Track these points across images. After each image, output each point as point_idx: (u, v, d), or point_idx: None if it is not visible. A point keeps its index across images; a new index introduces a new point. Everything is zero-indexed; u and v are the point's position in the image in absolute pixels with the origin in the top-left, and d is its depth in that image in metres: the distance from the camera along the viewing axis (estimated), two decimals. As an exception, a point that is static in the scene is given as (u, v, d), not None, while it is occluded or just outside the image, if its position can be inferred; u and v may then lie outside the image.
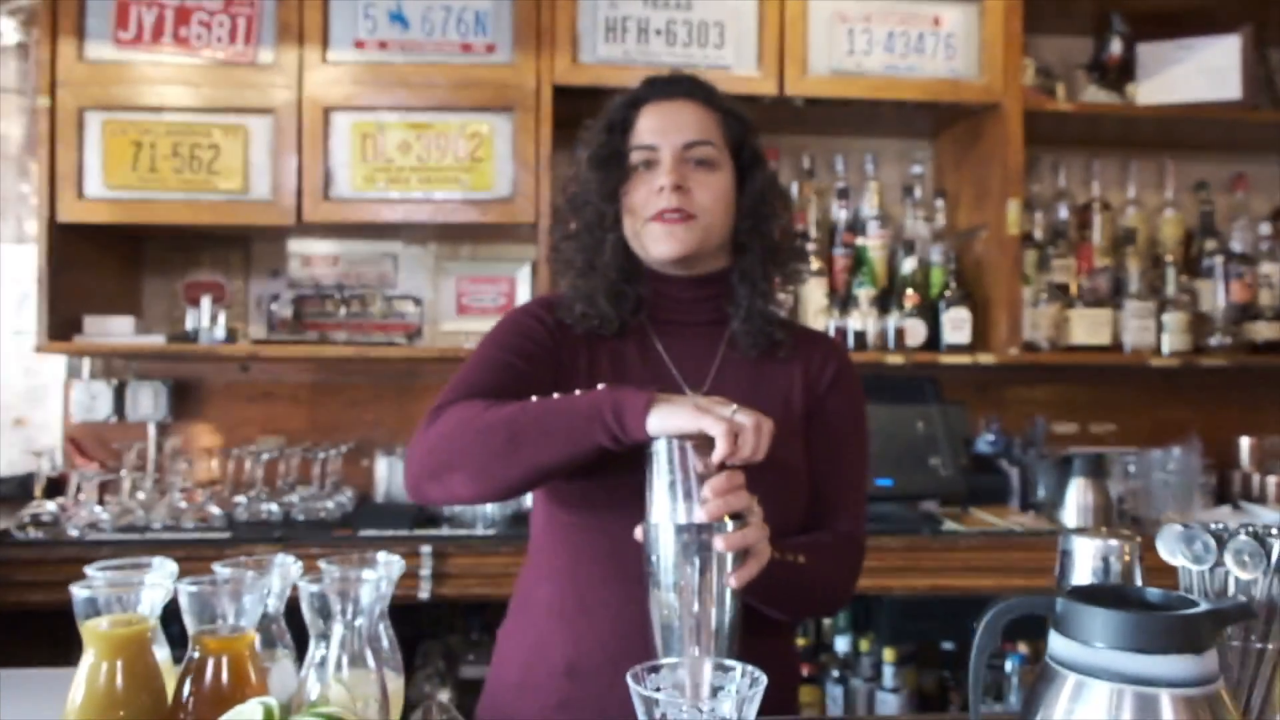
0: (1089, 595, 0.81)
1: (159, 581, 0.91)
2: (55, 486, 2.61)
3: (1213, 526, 0.87)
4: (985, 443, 3.00)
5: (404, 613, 2.79)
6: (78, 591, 0.87)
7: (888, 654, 2.52)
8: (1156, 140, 3.14)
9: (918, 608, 2.48)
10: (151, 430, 2.85)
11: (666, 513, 1.05)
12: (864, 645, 2.61)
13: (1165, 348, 2.83)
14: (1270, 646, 0.83)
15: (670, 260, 1.32)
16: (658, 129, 1.30)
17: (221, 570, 0.94)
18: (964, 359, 2.72)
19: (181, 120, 2.50)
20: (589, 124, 1.37)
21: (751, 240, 1.33)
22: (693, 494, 1.05)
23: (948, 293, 2.78)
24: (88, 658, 0.87)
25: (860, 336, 2.71)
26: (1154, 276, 2.99)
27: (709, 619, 1.04)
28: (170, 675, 0.92)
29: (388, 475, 2.70)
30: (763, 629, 1.21)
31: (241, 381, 2.93)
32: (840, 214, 2.93)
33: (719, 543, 1.03)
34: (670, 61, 2.57)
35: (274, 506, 2.51)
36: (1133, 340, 2.83)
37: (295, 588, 0.93)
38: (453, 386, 1.25)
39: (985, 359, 2.71)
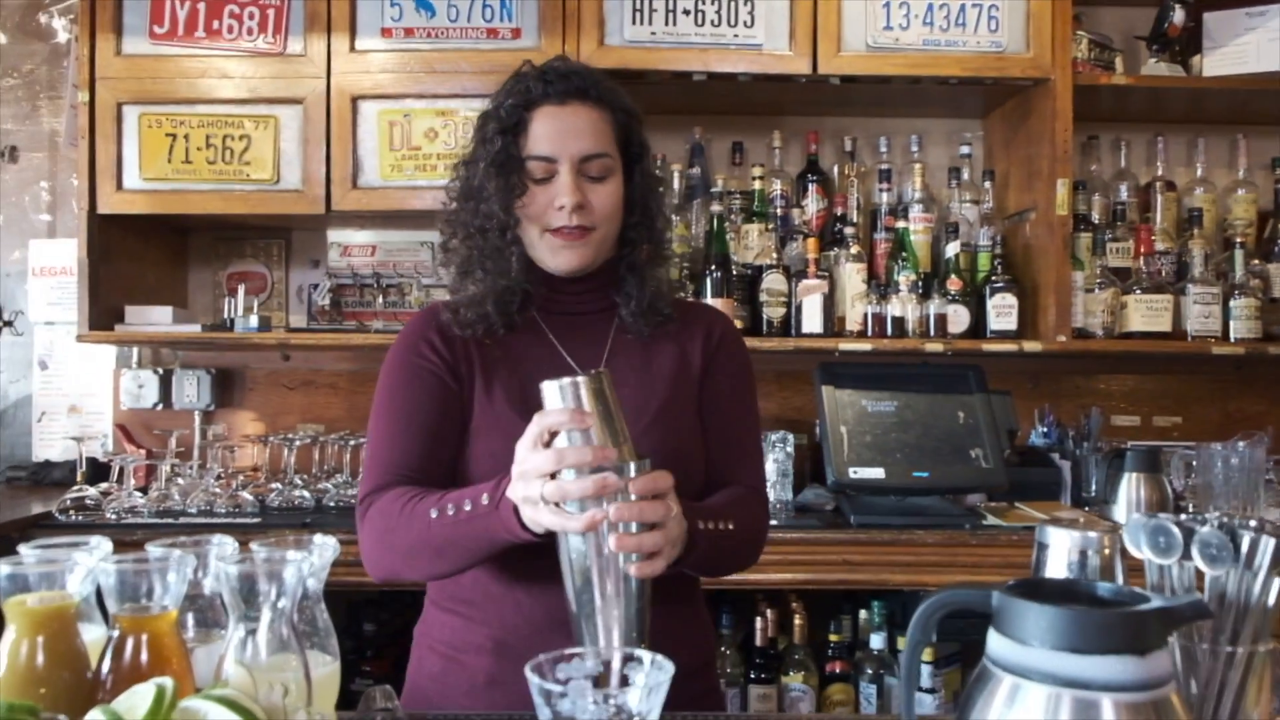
0: (1031, 590, 0.74)
1: (83, 560, 0.89)
2: (104, 472, 2.67)
3: (1185, 518, 0.78)
4: (1039, 435, 2.87)
5: (419, 596, 2.83)
6: (0, 568, 0.86)
7: (926, 653, 2.43)
8: (1227, 116, 2.96)
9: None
10: (196, 418, 2.91)
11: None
12: (901, 643, 2.51)
13: (1232, 335, 2.67)
14: (1240, 649, 0.74)
15: (568, 272, 1.34)
16: (554, 138, 1.29)
17: (154, 550, 0.93)
18: (1009, 346, 2.60)
19: (214, 112, 2.53)
20: (484, 113, 1.35)
21: (639, 233, 1.36)
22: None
23: (994, 278, 2.66)
24: (9, 634, 0.86)
25: (899, 323, 2.61)
26: (1221, 261, 2.82)
27: (615, 609, 1.04)
28: (96, 651, 0.90)
29: (421, 463, 2.70)
30: (674, 597, 1.27)
31: (282, 370, 2.97)
32: (882, 197, 2.84)
33: (632, 570, 1.06)
34: (698, 42, 2.52)
35: (306, 493, 2.53)
36: (1196, 327, 2.68)
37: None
38: (370, 464, 1.31)
39: (1031, 346, 2.59)
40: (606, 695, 0.74)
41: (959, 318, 2.63)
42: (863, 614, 2.54)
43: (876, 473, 2.41)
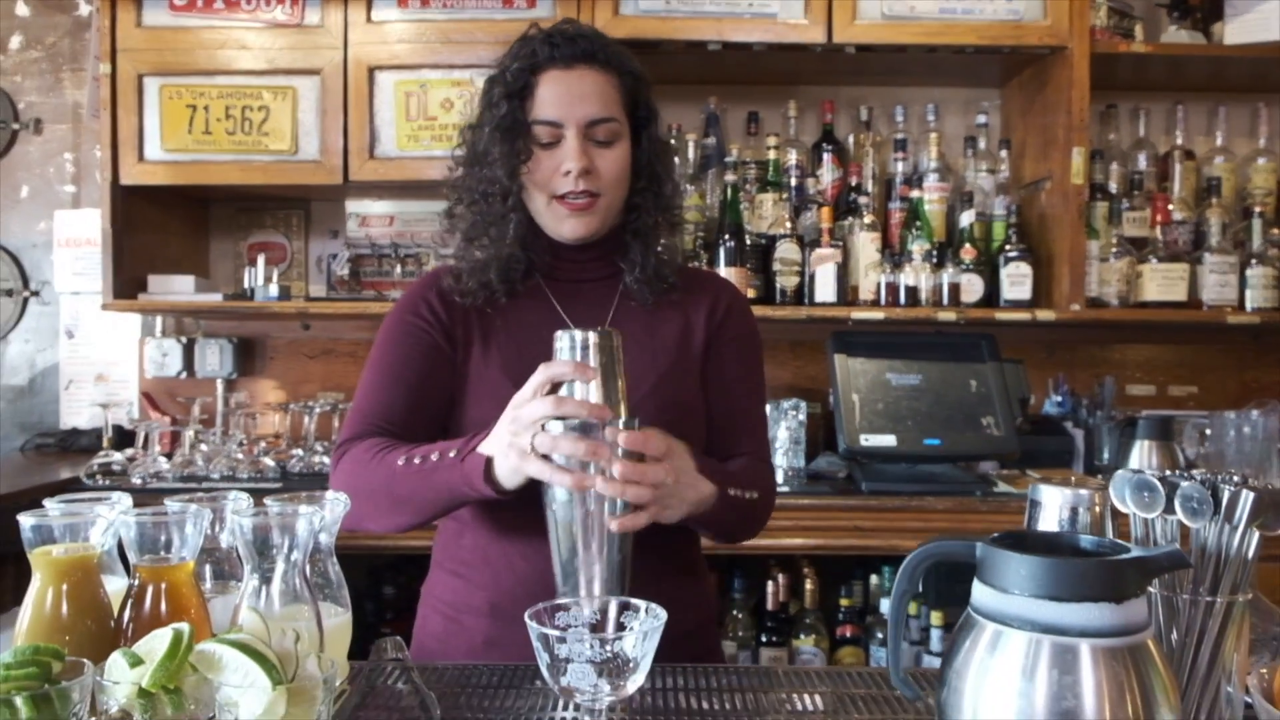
0: (1015, 541, 0.76)
1: (104, 513, 0.93)
2: (129, 438, 2.73)
3: (1170, 474, 0.80)
4: (1052, 404, 2.88)
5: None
6: (25, 520, 0.90)
7: (935, 617, 2.46)
8: (1249, 84, 2.93)
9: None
10: (219, 386, 2.96)
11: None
12: (912, 609, 2.54)
13: (1248, 304, 2.66)
14: (1219, 599, 0.76)
15: (575, 240, 1.34)
16: (560, 102, 1.27)
17: (172, 504, 0.97)
18: (1022, 315, 2.60)
19: (233, 83, 2.56)
20: (490, 77, 1.34)
21: (645, 199, 1.35)
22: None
23: (1008, 247, 2.66)
24: (35, 583, 0.90)
25: (912, 292, 2.62)
26: (1240, 230, 2.80)
27: (597, 563, 1.06)
28: (119, 601, 0.94)
29: (438, 431, 2.75)
30: (676, 564, 1.32)
31: (303, 339, 3.01)
32: (898, 166, 2.83)
33: (612, 525, 1.06)
34: (713, 11, 2.52)
35: (327, 459, 2.58)
36: (1211, 296, 2.67)
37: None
38: (353, 414, 1.32)
39: (1045, 315, 2.59)
40: (603, 640, 0.77)
41: (973, 287, 2.63)
42: (873, 579, 2.57)
43: (888, 440, 2.43)
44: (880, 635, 2.51)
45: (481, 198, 1.32)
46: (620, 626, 0.80)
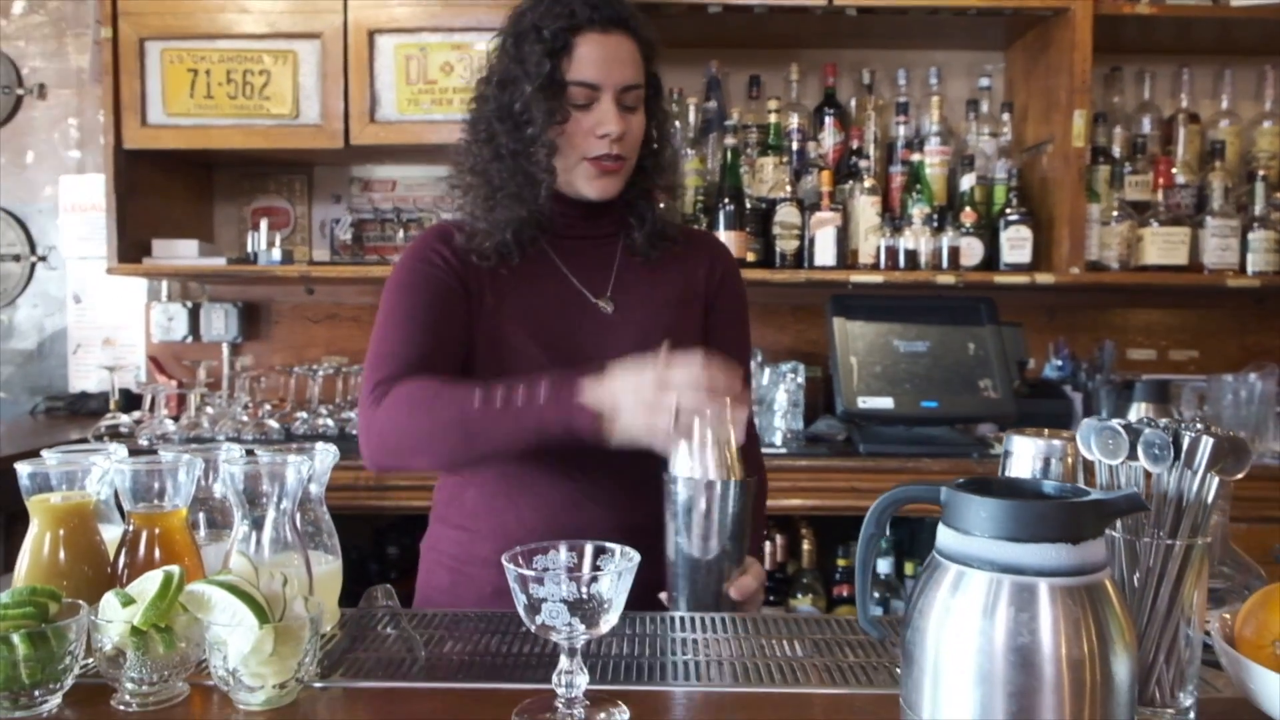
0: (979, 487, 0.77)
1: (100, 462, 0.96)
2: (137, 401, 2.77)
3: (1134, 422, 0.82)
4: (1053, 367, 2.89)
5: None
6: (22, 468, 0.93)
7: (932, 579, 2.48)
8: (1257, 46, 2.91)
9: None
10: (224, 350, 3.00)
11: (685, 468, 1.13)
12: (909, 568, 2.57)
13: (1249, 268, 2.65)
14: (1178, 542, 0.78)
15: (600, 200, 1.35)
16: (600, 66, 1.30)
17: (165, 454, 0.99)
18: (1021, 279, 2.60)
19: (233, 47, 2.57)
20: (519, 30, 1.33)
21: (652, 162, 1.40)
22: (707, 450, 1.11)
23: (1008, 211, 2.66)
24: (33, 529, 0.93)
25: (911, 255, 2.62)
26: (1243, 194, 2.79)
27: (706, 562, 1.14)
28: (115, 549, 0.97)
29: (441, 394, 2.77)
30: None
31: (307, 304, 3.03)
32: (899, 130, 2.82)
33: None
34: (712, -28, 2.50)
35: (330, 421, 2.61)
36: (1213, 260, 2.66)
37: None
38: (382, 357, 1.29)
39: (1043, 278, 2.59)
40: (579, 582, 0.79)
41: (972, 250, 2.63)
42: (871, 541, 2.59)
43: (885, 402, 2.45)
44: (876, 595, 2.54)
45: (510, 155, 1.32)
46: (596, 569, 0.83)
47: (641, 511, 1.23)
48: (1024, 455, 0.96)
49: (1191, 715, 0.81)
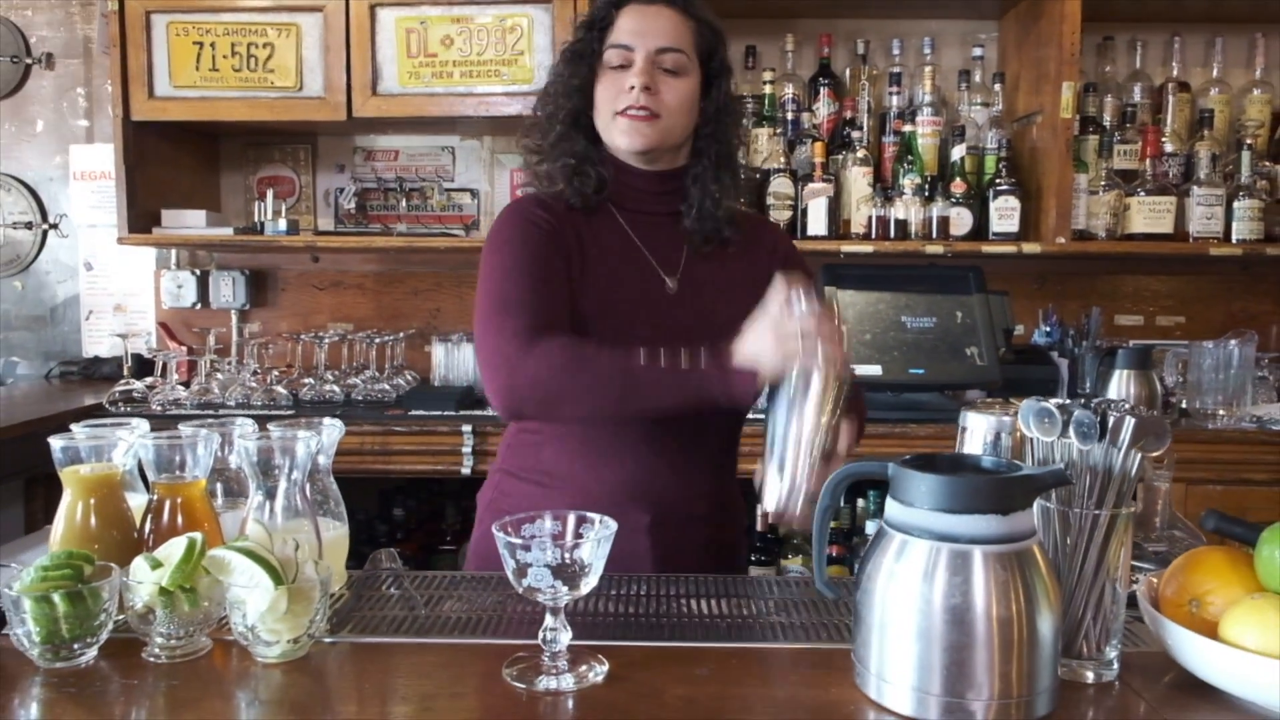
0: (925, 463, 0.86)
1: (125, 436, 1.04)
2: (149, 367, 2.85)
3: (1066, 402, 0.89)
4: (1041, 334, 2.95)
5: (446, 484, 2.96)
6: (55, 442, 1.01)
7: (918, 539, 2.57)
8: (1248, 14, 2.93)
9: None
10: (233, 316, 3.08)
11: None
12: (897, 530, 2.66)
13: (1234, 236, 2.71)
14: (1103, 512, 0.86)
15: (633, 152, 1.40)
16: (635, 31, 1.37)
17: (185, 428, 1.07)
18: (1009, 248, 2.67)
19: (238, 20, 2.62)
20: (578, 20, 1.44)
21: (708, 145, 1.43)
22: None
23: (998, 181, 2.71)
24: (66, 498, 1.02)
25: (902, 225, 2.68)
26: (1230, 162, 2.84)
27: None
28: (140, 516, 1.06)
29: (444, 360, 2.85)
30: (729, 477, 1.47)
31: (312, 271, 3.10)
32: (892, 100, 2.87)
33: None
34: (707, -54, 2.54)
35: (336, 388, 2.70)
36: (1198, 228, 2.72)
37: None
38: (513, 304, 1.30)
39: (1030, 248, 2.65)
40: (562, 548, 0.87)
41: (961, 220, 2.69)
42: (859, 501, 2.69)
43: (874, 370, 2.52)
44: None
45: (548, 119, 1.42)
46: (578, 537, 0.91)
47: (716, 484, 1.36)
48: (977, 430, 1.05)
49: (1115, 666, 0.90)
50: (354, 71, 2.61)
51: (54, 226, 3.19)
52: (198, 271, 3.08)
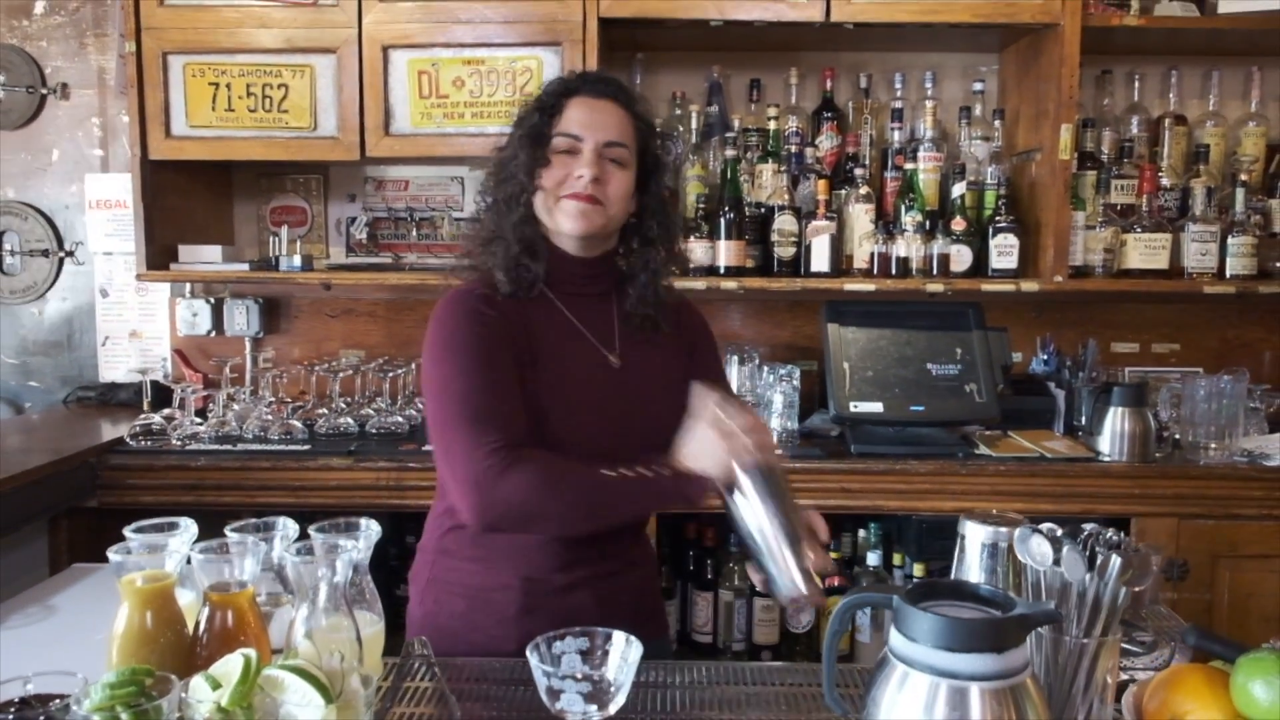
0: (927, 590, 0.93)
1: (178, 549, 1.11)
2: (167, 394, 2.92)
3: (1060, 533, 0.96)
4: (1039, 362, 3.02)
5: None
6: (113, 556, 1.08)
7: (918, 569, 2.65)
8: (1244, 48, 2.98)
9: (944, 529, 2.59)
10: (247, 344, 3.14)
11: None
12: (898, 558, 2.74)
13: (1228, 272, 2.77)
14: (1089, 640, 0.93)
15: (575, 235, 1.48)
16: (585, 123, 1.45)
17: (232, 535, 1.14)
18: (1007, 286, 2.73)
19: (253, 61, 2.67)
20: (525, 103, 1.53)
21: (646, 234, 1.54)
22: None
23: (997, 218, 2.77)
24: (124, 607, 1.09)
25: (903, 263, 2.74)
26: (1226, 196, 2.90)
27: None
28: (191, 614, 1.13)
29: (454, 390, 2.92)
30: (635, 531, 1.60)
31: (325, 299, 3.17)
32: (894, 135, 2.93)
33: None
34: (715, -8, 2.59)
35: (350, 419, 2.77)
36: (1193, 264, 2.78)
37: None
38: (480, 414, 1.37)
39: (1029, 286, 2.72)
40: (589, 670, 0.95)
41: (961, 257, 2.76)
42: (860, 533, 2.76)
43: (875, 407, 2.60)
44: (865, 584, 2.71)
45: (504, 201, 1.49)
46: (604, 653, 0.98)
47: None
48: (975, 538, 1.11)
49: (1102, 778, 0.98)
50: (367, 112, 2.66)
51: (70, 254, 3.25)
52: (212, 300, 3.14)
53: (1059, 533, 0.96)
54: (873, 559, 2.72)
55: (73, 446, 2.55)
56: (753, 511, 1.27)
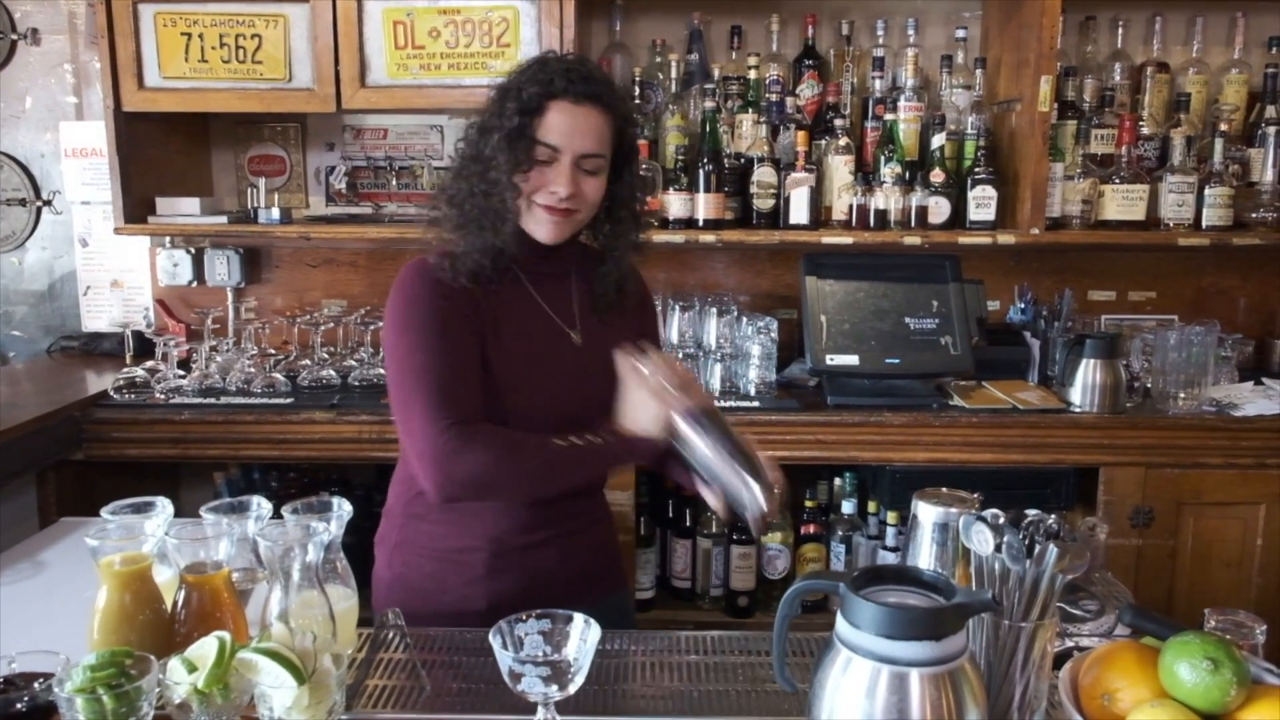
0: (873, 576, 0.97)
1: (153, 532, 1.15)
2: (149, 345, 2.93)
3: (1003, 520, 1.00)
4: (1016, 310, 3.05)
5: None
6: (89, 541, 1.12)
7: (891, 516, 2.71)
8: (1230, -11, 2.96)
9: (918, 478, 2.64)
10: (229, 294, 3.15)
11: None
12: (873, 506, 2.80)
13: (1204, 223, 2.79)
14: (1028, 625, 0.98)
15: (548, 242, 1.53)
16: (564, 133, 1.45)
17: (207, 518, 1.18)
18: (983, 239, 2.75)
19: (225, 10, 2.63)
20: (504, 87, 1.50)
21: (613, 219, 1.58)
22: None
23: (976, 170, 2.77)
24: (103, 590, 1.13)
25: (881, 215, 2.75)
26: (1205, 145, 2.90)
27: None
28: (169, 590, 1.17)
29: (436, 341, 2.94)
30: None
31: (306, 249, 3.16)
32: (875, 84, 2.91)
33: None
34: (692, -61, 2.55)
35: (333, 371, 2.79)
36: (1169, 215, 2.80)
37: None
38: (439, 393, 1.41)
39: (1005, 239, 2.73)
40: (548, 651, 0.99)
41: (940, 209, 2.76)
42: (836, 481, 2.82)
43: (851, 359, 2.63)
44: (840, 532, 2.78)
45: (481, 194, 1.50)
46: (564, 635, 1.03)
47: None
48: (927, 518, 1.15)
49: (1038, 750, 1.03)
50: (343, 63, 2.63)
51: (48, 203, 3.23)
52: (192, 250, 3.13)
53: (1002, 520, 1.00)
54: (847, 507, 2.78)
55: (59, 400, 2.57)
56: (701, 448, 1.39)
